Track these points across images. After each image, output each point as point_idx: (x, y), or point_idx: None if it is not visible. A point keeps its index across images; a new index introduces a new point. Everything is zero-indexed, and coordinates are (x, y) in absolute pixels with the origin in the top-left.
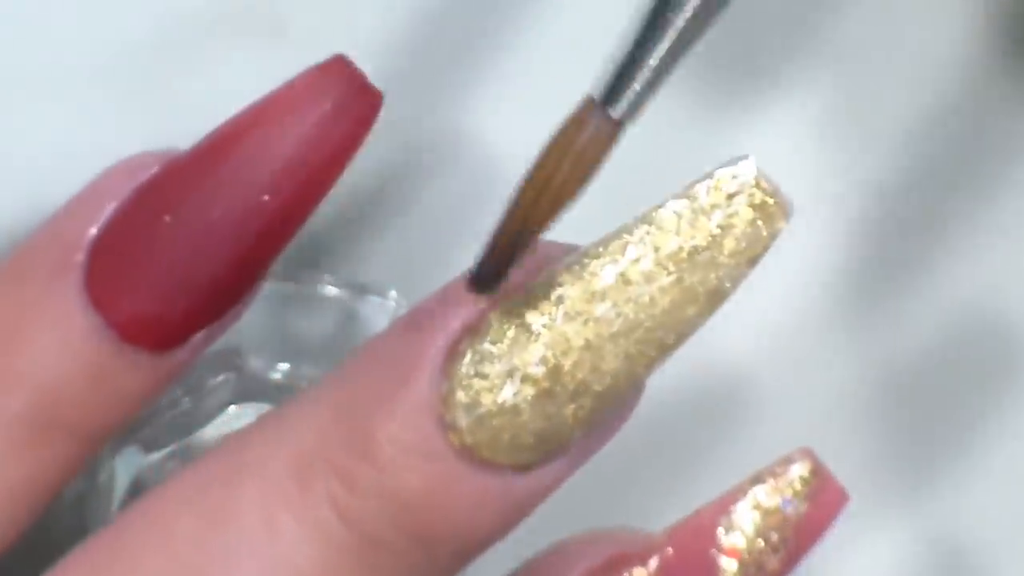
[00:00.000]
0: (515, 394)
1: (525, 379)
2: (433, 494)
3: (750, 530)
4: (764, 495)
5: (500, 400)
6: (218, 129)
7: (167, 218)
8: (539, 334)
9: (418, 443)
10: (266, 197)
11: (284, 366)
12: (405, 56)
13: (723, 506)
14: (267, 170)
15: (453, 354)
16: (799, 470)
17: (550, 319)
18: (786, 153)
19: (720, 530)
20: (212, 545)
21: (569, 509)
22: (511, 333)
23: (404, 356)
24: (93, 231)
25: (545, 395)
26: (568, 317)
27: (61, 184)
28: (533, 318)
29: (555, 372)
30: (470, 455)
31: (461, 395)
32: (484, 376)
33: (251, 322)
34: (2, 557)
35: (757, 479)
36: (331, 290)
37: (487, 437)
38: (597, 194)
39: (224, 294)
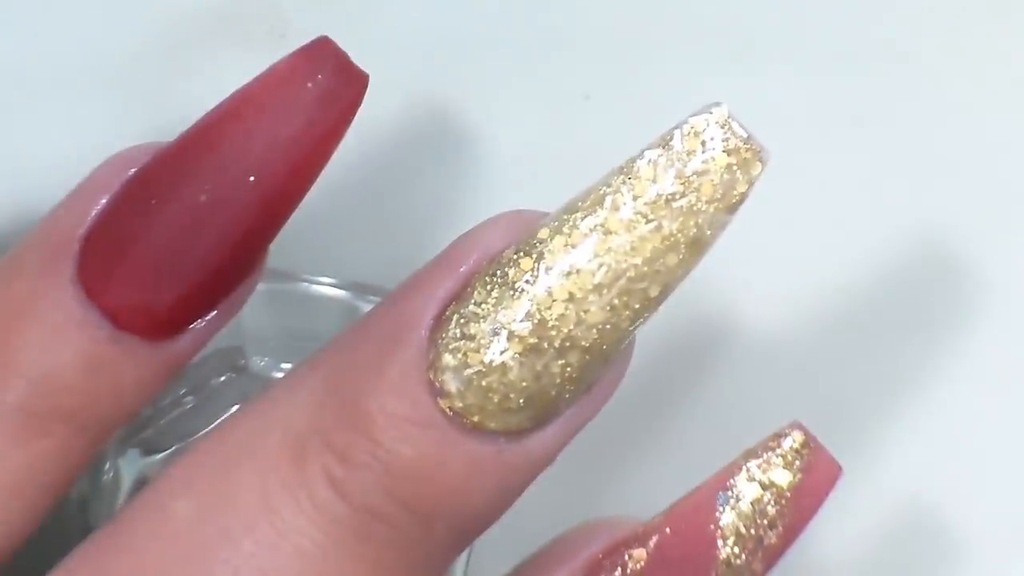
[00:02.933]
0: (502, 352)
1: (511, 337)
2: (426, 462)
3: (747, 505)
4: (758, 469)
5: (488, 359)
6: (205, 115)
7: (154, 202)
8: (522, 290)
9: (409, 411)
10: (252, 178)
11: (287, 366)
12: (408, 56)
13: (719, 482)
14: (252, 152)
15: (440, 321)
16: (791, 442)
17: (532, 275)
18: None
19: (718, 507)
20: (211, 527)
21: (567, 502)
22: (495, 293)
23: (391, 328)
24: (85, 223)
25: (532, 351)
26: (550, 271)
27: (61, 184)
28: (516, 276)
29: (540, 327)
30: (461, 421)
31: (449, 358)
32: (471, 337)
33: (254, 322)
34: (10, 556)
35: (751, 454)
36: (333, 290)
37: (477, 400)
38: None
39: (216, 280)
